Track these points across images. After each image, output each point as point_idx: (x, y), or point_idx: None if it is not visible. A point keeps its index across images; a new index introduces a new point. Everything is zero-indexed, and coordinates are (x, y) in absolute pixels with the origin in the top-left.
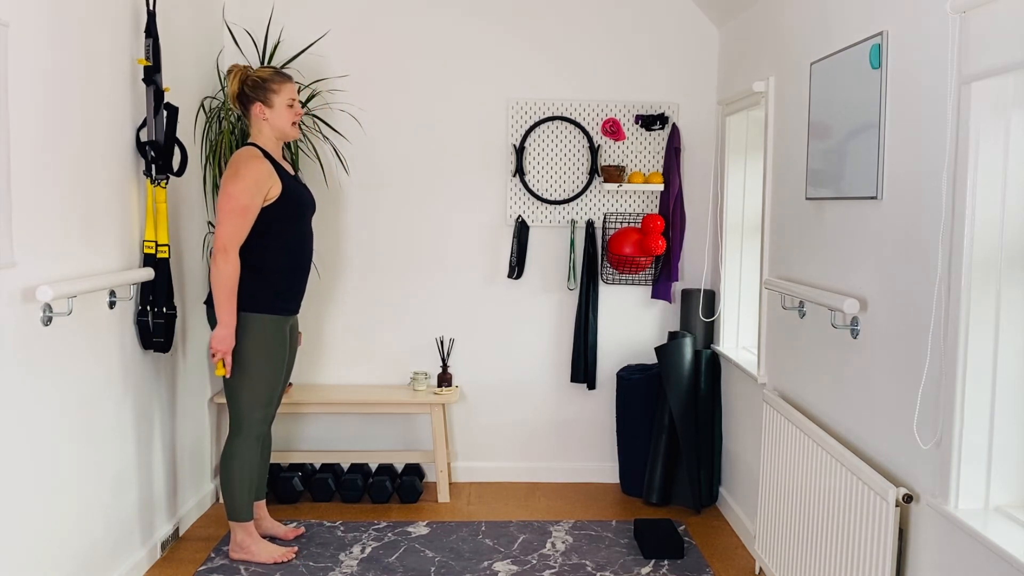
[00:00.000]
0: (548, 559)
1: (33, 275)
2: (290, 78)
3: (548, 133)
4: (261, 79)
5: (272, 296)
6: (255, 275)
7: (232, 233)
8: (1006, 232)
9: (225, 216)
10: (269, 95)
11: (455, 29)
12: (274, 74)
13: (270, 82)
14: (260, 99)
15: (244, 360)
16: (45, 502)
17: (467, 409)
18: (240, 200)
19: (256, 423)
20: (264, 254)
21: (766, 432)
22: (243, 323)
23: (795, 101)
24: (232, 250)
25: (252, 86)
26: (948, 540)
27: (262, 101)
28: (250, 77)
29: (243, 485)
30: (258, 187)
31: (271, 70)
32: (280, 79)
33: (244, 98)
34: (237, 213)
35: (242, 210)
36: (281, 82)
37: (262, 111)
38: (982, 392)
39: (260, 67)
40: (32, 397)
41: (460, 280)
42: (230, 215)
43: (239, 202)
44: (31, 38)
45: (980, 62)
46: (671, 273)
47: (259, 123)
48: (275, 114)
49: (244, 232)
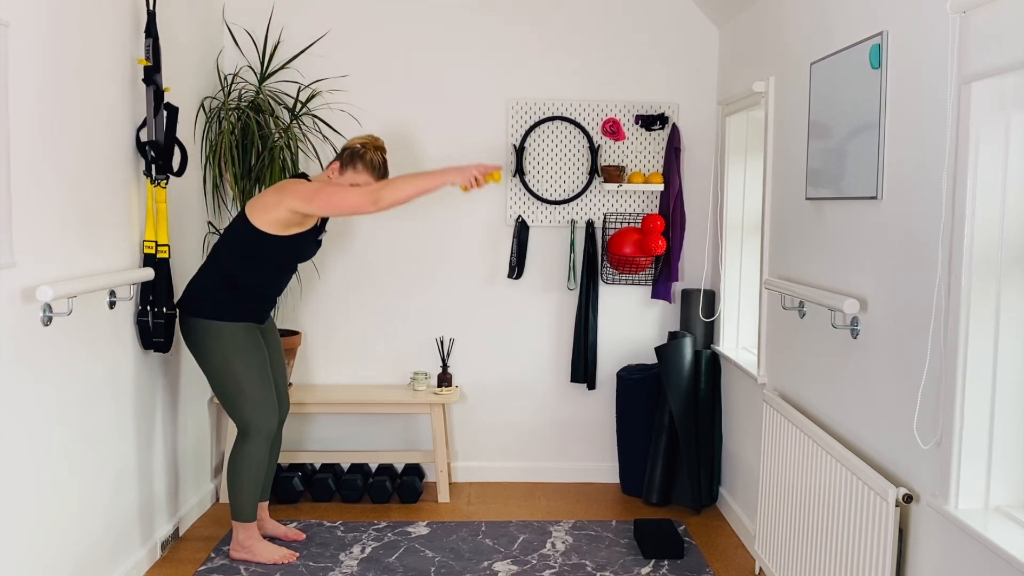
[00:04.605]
0: (548, 559)
1: (33, 275)
2: (379, 179)
3: (548, 133)
4: (360, 155)
5: (240, 307)
6: (229, 288)
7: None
8: (1006, 232)
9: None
10: (349, 167)
11: (455, 29)
12: (375, 166)
13: (360, 162)
14: (343, 163)
15: (225, 368)
16: (45, 502)
17: (467, 409)
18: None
19: (262, 423)
20: (244, 273)
21: (766, 432)
22: (215, 332)
23: (795, 101)
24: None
25: (350, 153)
26: (948, 540)
27: (342, 164)
28: (363, 147)
29: (249, 485)
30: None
31: (379, 163)
32: (370, 171)
33: (341, 152)
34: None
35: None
36: (367, 171)
37: (335, 171)
38: (982, 392)
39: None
40: (32, 397)
41: (460, 280)
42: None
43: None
44: (31, 38)
45: (980, 62)
46: (671, 273)
47: (326, 175)
48: (336, 183)
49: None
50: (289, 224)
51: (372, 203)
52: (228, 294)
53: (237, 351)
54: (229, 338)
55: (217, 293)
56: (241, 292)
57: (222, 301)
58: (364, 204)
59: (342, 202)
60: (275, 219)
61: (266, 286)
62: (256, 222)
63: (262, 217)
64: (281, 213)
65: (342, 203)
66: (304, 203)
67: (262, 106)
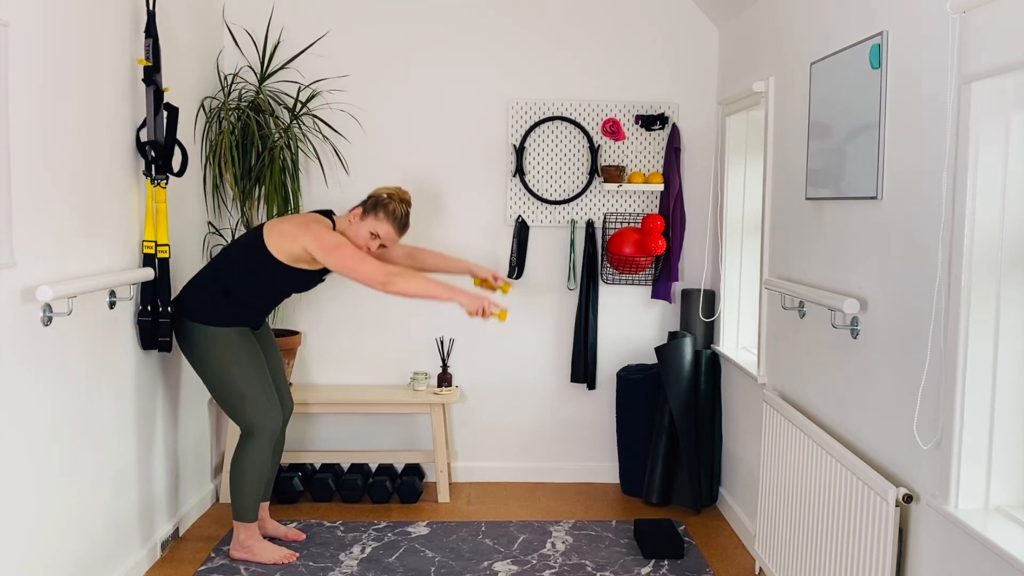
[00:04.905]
0: (548, 559)
1: (33, 275)
2: (399, 229)
3: (548, 133)
4: (384, 204)
5: (233, 315)
6: (224, 296)
7: (366, 266)
8: (1006, 232)
9: (347, 262)
10: (371, 214)
11: (455, 29)
12: (397, 219)
13: (384, 211)
14: (366, 209)
15: (222, 373)
16: (45, 502)
17: (467, 409)
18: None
19: (266, 423)
20: (242, 287)
21: (766, 432)
22: (210, 337)
23: (795, 101)
24: (384, 274)
25: (375, 201)
26: (948, 540)
27: (364, 210)
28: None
29: (252, 485)
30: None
31: (402, 215)
32: (391, 221)
33: (367, 199)
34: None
35: (343, 245)
36: (388, 221)
37: (357, 215)
38: (982, 392)
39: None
40: (32, 397)
41: (460, 280)
42: (346, 259)
43: (334, 242)
44: (31, 38)
45: (980, 62)
46: (671, 273)
47: (348, 218)
48: (355, 230)
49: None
50: (299, 259)
51: (382, 283)
52: (222, 302)
53: (233, 355)
54: (224, 342)
55: (211, 299)
56: (234, 302)
57: (216, 307)
58: (375, 280)
59: (356, 268)
60: (287, 250)
61: (260, 303)
62: (269, 244)
63: (277, 243)
64: (295, 248)
65: (356, 270)
66: (321, 252)
67: (262, 106)
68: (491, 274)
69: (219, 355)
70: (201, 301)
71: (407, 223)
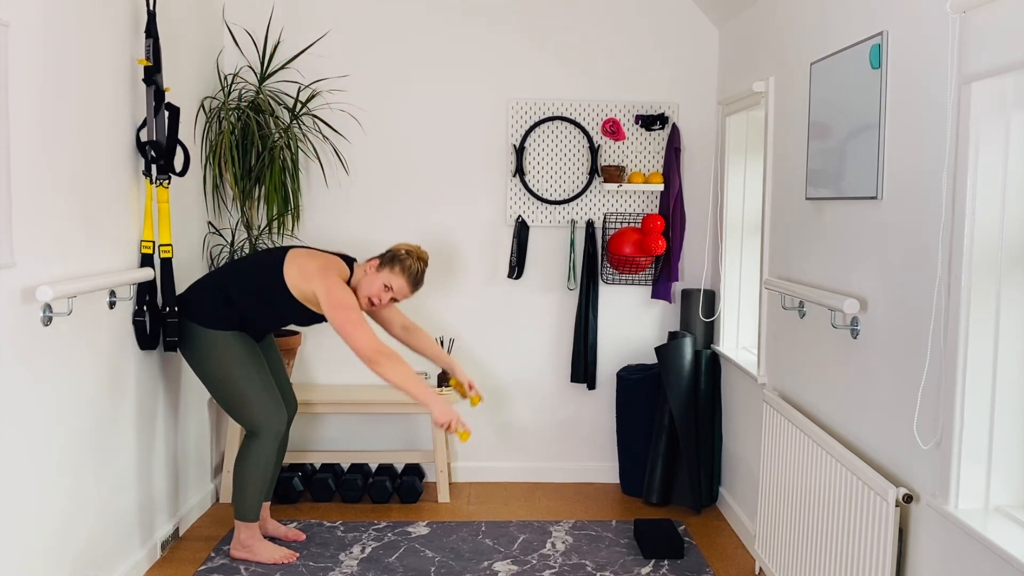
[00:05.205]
0: (548, 559)
1: (33, 275)
2: (412, 285)
3: (548, 133)
4: (401, 259)
5: (232, 323)
6: (226, 305)
7: (363, 338)
8: (1006, 232)
9: (346, 326)
10: (387, 267)
11: (455, 29)
12: (412, 275)
13: (400, 265)
14: (383, 261)
15: (223, 375)
16: (44, 502)
17: (467, 409)
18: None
19: (270, 423)
20: (246, 301)
21: (766, 432)
22: (210, 340)
23: (795, 101)
24: (375, 351)
25: (392, 255)
26: (948, 540)
27: (381, 262)
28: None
29: (255, 485)
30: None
31: (417, 272)
32: (405, 277)
33: (385, 252)
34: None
35: (350, 308)
36: (403, 276)
37: (373, 267)
38: (982, 392)
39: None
40: (32, 397)
41: (460, 280)
42: (347, 322)
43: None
44: (31, 38)
45: (980, 62)
46: (671, 273)
47: (365, 268)
48: (370, 281)
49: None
50: (308, 300)
51: (370, 360)
52: (224, 309)
53: (233, 356)
54: (223, 344)
55: (214, 304)
56: (235, 312)
57: (217, 312)
58: (366, 354)
59: (353, 335)
60: (301, 287)
61: (260, 322)
62: (286, 274)
63: (294, 276)
64: (308, 289)
65: (352, 335)
66: (327, 305)
67: (262, 106)
68: (468, 381)
69: (219, 357)
70: (204, 303)
71: (421, 281)
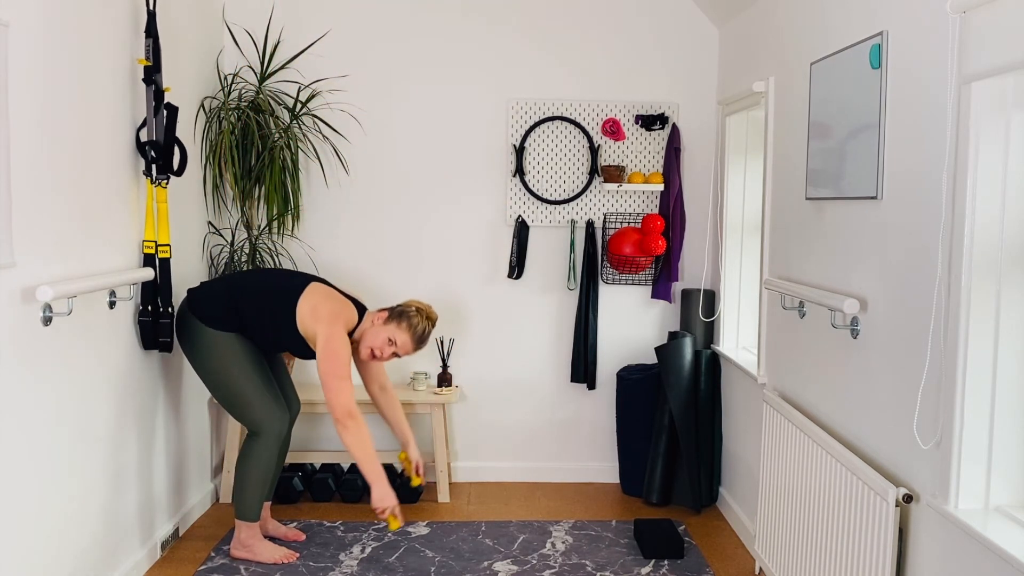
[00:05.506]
0: (548, 559)
1: (33, 275)
2: (416, 344)
3: (548, 133)
4: (409, 316)
5: (235, 328)
6: (232, 311)
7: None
8: (1006, 232)
9: (329, 378)
10: (394, 322)
11: (455, 29)
12: (417, 334)
13: (407, 322)
14: (391, 315)
15: (225, 374)
16: (44, 502)
17: (467, 409)
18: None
19: (272, 423)
20: (250, 314)
21: (766, 432)
22: (212, 340)
23: (795, 101)
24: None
25: (401, 311)
26: (948, 540)
27: (389, 316)
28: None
29: (256, 485)
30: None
31: (422, 331)
32: (410, 334)
33: (395, 307)
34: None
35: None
36: (407, 333)
37: (380, 319)
38: (982, 392)
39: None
40: (32, 397)
41: (460, 280)
42: (331, 374)
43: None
44: (31, 38)
45: (980, 62)
46: (671, 273)
47: (373, 318)
48: (375, 332)
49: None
50: (308, 335)
51: (339, 420)
52: (228, 314)
53: (233, 356)
54: (224, 344)
55: (220, 307)
56: (238, 320)
57: (223, 315)
58: (338, 409)
59: (333, 387)
60: (305, 321)
61: (258, 337)
62: (299, 306)
63: (306, 311)
64: (311, 327)
65: (331, 387)
66: (320, 349)
67: (262, 106)
68: (418, 462)
69: (219, 356)
70: (211, 303)
71: (425, 340)
